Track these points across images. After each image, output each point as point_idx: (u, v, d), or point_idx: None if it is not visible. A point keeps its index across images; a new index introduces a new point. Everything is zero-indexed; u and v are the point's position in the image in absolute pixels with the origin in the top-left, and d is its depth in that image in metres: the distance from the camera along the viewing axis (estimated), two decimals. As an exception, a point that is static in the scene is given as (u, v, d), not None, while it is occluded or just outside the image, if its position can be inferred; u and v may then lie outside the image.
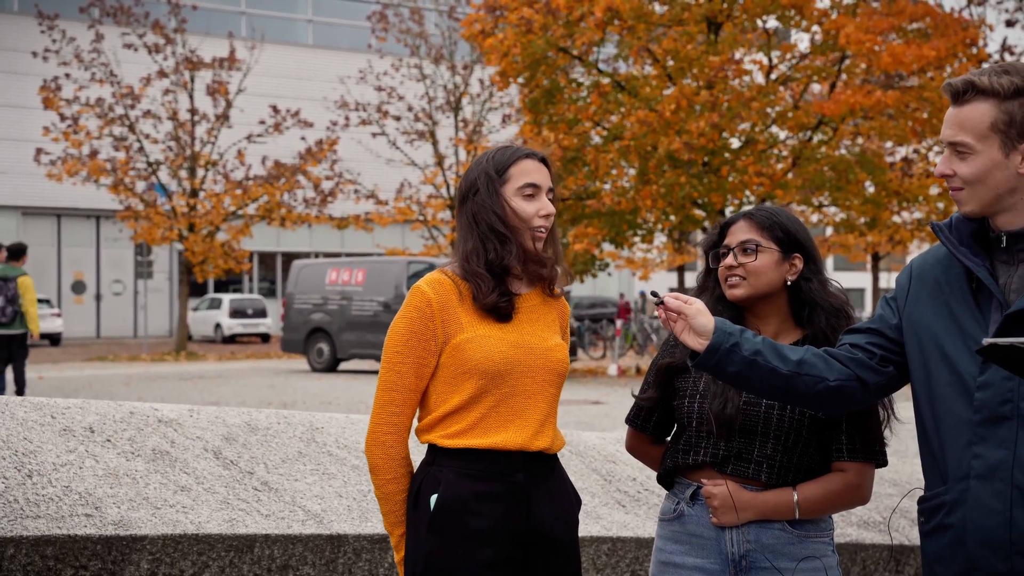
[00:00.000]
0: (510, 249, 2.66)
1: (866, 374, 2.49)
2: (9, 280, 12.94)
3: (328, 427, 4.45)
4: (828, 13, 22.10)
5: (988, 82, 2.31)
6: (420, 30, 31.35)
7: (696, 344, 2.49)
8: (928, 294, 2.45)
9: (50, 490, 3.40)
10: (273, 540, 3.61)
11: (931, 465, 2.43)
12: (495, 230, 2.66)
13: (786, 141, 23.12)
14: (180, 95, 28.90)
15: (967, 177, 2.34)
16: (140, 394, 16.25)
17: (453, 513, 2.59)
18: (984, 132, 2.31)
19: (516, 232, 2.67)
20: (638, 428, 2.96)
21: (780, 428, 2.72)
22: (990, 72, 2.34)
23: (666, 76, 21.78)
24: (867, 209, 22.95)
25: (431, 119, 31.11)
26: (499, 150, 2.74)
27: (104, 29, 28.39)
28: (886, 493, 5.30)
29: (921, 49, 20.60)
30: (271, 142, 29.63)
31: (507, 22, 21.96)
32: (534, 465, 2.67)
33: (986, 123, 2.31)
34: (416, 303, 2.65)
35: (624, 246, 23.12)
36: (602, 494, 4.66)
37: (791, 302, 2.82)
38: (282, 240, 40.23)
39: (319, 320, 21.74)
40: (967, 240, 2.39)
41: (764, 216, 2.81)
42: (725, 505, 2.71)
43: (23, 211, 36.90)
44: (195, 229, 28.22)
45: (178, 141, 28.66)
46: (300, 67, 39.53)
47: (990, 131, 2.31)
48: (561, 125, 21.77)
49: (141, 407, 4.12)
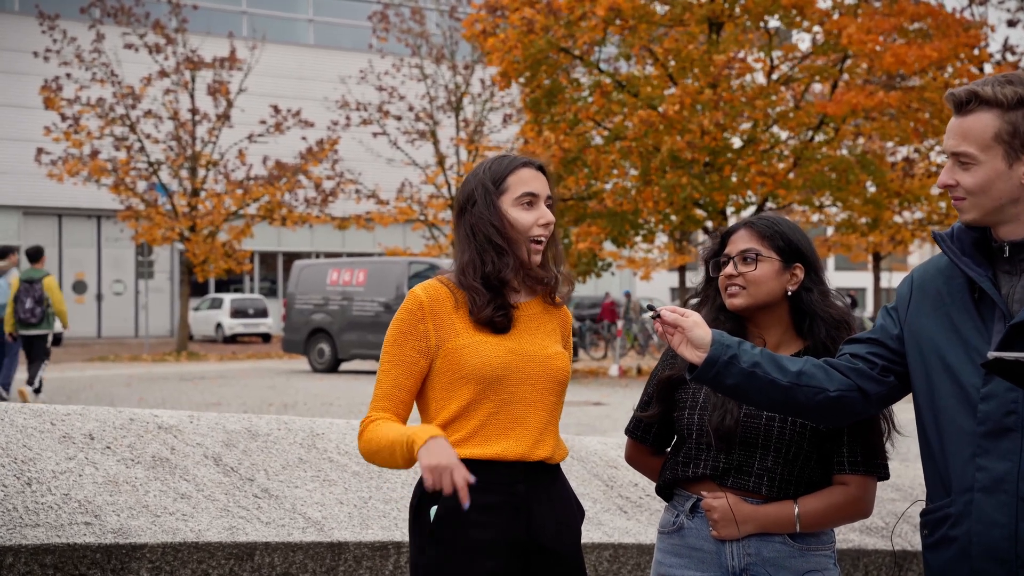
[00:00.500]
0: (507, 261, 2.64)
1: (867, 384, 2.47)
2: (35, 282, 13.54)
3: (329, 433, 4.43)
4: (830, 13, 22.07)
5: (992, 92, 2.30)
6: (421, 30, 31.34)
7: (694, 357, 2.47)
8: (930, 305, 2.43)
9: (49, 498, 3.39)
10: (273, 548, 3.60)
11: (934, 477, 2.41)
12: (492, 242, 2.64)
13: (788, 141, 23.09)
14: (181, 95, 28.89)
15: (970, 187, 2.32)
16: (141, 395, 16.23)
17: (453, 524, 2.57)
18: (987, 143, 2.30)
19: (514, 244, 2.65)
20: (637, 439, 2.94)
21: (781, 440, 2.69)
22: (993, 82, 2.32)
23: (667, 76, 21.76)
24: (868, 209, 22.93)
25: (432, 119, 31.10)
26: (496, 160, 2.71)
27: (105, 29, 28.38)
28: (889, 498, 5.28)
29: (923, 49, 20.57)
30: (272, 142, 29.62)
31: (508, 22, 21.94)
32: (536, 475, 2.65)
33: (989, 133, 2.29)
34: (408, 306, 2.65)
35: (626, 246, 23.10)
36: (604, 500, 4.64)
37: (792, 312, 2.80)
38: (283, 240, 40.21)
39: (320, 320, 21.72)
40: (969, 250, 2.38)
41: (765, 225, 2.79)
42: (725, 518, 2.69)
43: (24, 211, 36.90)
44: (196, 229, 28.21)
45: (179, 141, 28.65)
46: (301, 67, 39.51)
47: (993, 141, 2.29)
48: (562, 125, 21.74)
49: (141, 413, 4.10)
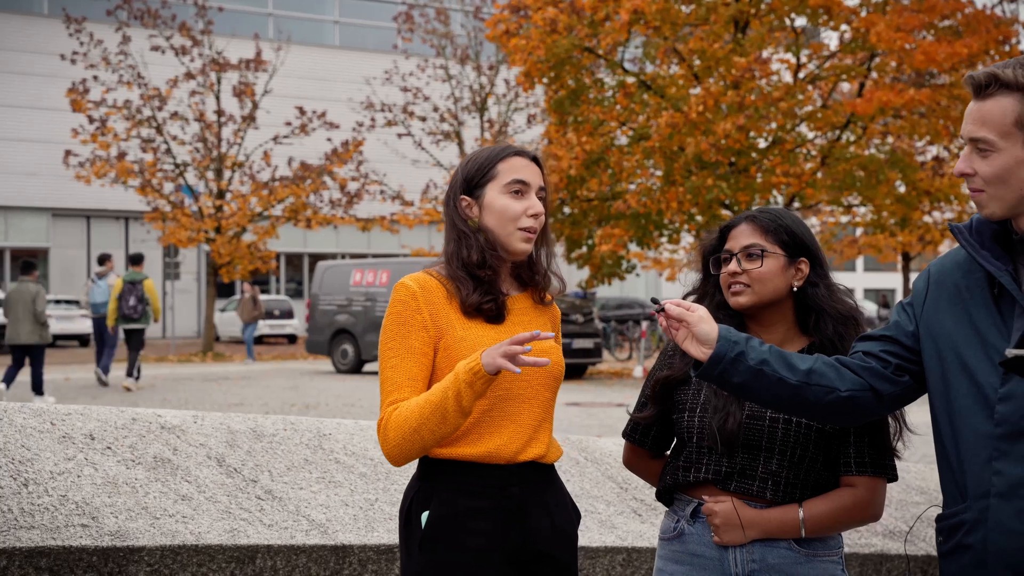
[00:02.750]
0: (474, 244, 2.55)
1: (880, 384, 2.36)
2: (136, 283, 16.70)
3: (336, 433, 4.35)
4: (857, 11, 21.85)
5: (1012, 75, 2.16)
6: (446, 30, 31.33)
7: (699, 353, 2.36)
8: (947, 300, 2.31)
9: (46, 499, 3.32)
10: (275, 551, 3.52)
11: (950, 481, 2.29)
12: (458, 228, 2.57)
13: (815, 140, 22.88)
14: (207, 97, 28.97)
15: (988, 176, 2.19)
16: (165, 395, 16.26)
17: (446, 531, 2.47)
18: (1007, 128, 2.16)
19: (498, 232, 2.56)
20: (635, 442, 2.82)
21: (785, 443, 2.58)
22: (1015, 65, 2.18)
23: (692, 76, 21.60)
24: (896, 209, 22.68)
25: (457, 119, 31.07)
26: (485, 148, 2.64)
27: (131, 31, 28.50)
28: (913, 501, 5.16)
29: (953, 46, 20.32)
30: (297, 143, 29.65)
31: (531, 22, 21.85)
32: (530, 477, 2.55)
33: (1010, 119, 2.16)
34: (400, 296, 2.52)
35: (650, 247, 22.96)
36: (617, 502, 4.54)
37: (796, 309, 2.69)
38: (309, 241, 40.28)
39: (344, 321, 21.71)
40: (988, 243, 2.25)
41: (768, 218, 2.67)
42: (728, 523, 2.57)
43: (53, 212, 37.15)
44: (222, 230, 28.27)
45: (205, 143, 28.73)
46: (326, 68, 39.57)
47: (1014, 127, 2.16)
48: (586, 126, 21.63)
49: (144, 413, 4.03)
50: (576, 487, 4.52)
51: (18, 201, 36.57)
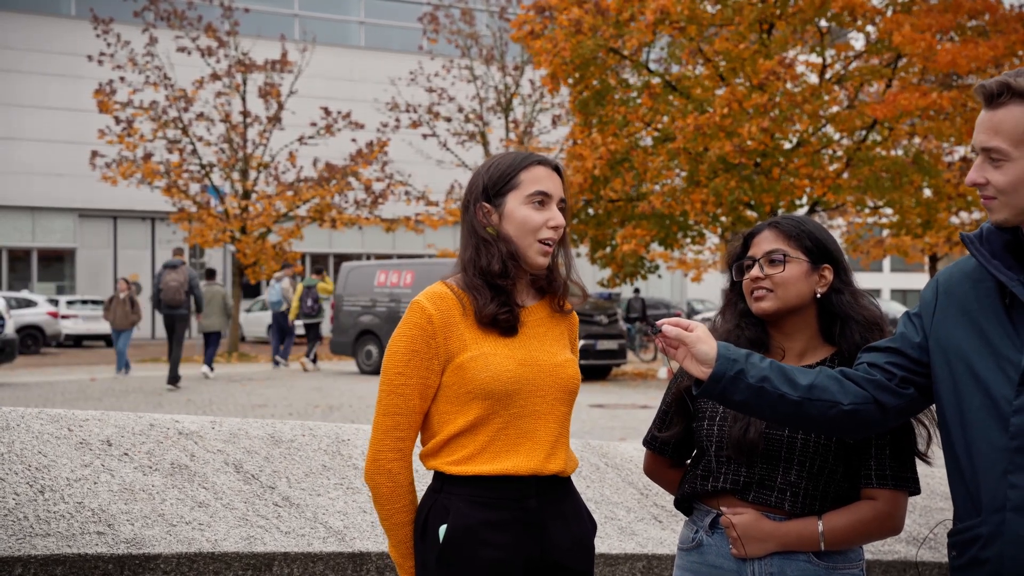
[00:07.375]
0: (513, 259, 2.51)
1: (884, 396, 2.32)
2: (312, 287, 22.21)
3: (355, 439, 4.33)
4: (883, 11, 21.67)
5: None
6: (471, 31, 31.32)
7: (699, 372, 2.34)
8: (957, 311, 2.26)
9: (62, 506, 3.31)
10: (292, 558, 3.49)
11: (963, 495, 2.24)
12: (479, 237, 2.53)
13: (840, 141, 22.72)
14: (232, 98, 29.06)
15: (1001, 186, 2.15)
16: (189, 396, 16.30)
17: (463, 544, 2.43)
18: (1020, 137, 2.12)
19: (517, 242, 2.52)
20: (656, 451, 2.80)
21: (805, 454, 2.53)
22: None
23: (718, 76, 21.50)
24: (920, 211, 22.49)
25: (482, 120, 31.06)
26: (507, 154, 2.59)
27: (158, 33, 28.63)
28: (937, 508, 5.09)
29: (978, 48, 20.12)
30: (322, 144, 29.71)
31: (556, 23, 21.80)
32: (547, 489, 2.51)
33: (1022, 128, 2.12)
34: (416, 319, 2.48)
35: (674, 248, 22.86)
36: (638, 509, 4.50)
37: (820, 317, 2.64)
38: (334, 242, 40.37)
39: (368, 322, 21.71)
40: (999, 252, 2.20)
41: (791, 225, 2.64)
42: (745, 535, 2.53)
43: (80, 213, 37.37)
44: (247, 231, 28.36)
45: (230, 143, 28.82)
46: (351, 69, 39.64)
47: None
48: (611, 127, 21.55)
49: (161, 419, 4.02)
50: (596, 493, 4.48)
51: (46, 202, 36.80)
